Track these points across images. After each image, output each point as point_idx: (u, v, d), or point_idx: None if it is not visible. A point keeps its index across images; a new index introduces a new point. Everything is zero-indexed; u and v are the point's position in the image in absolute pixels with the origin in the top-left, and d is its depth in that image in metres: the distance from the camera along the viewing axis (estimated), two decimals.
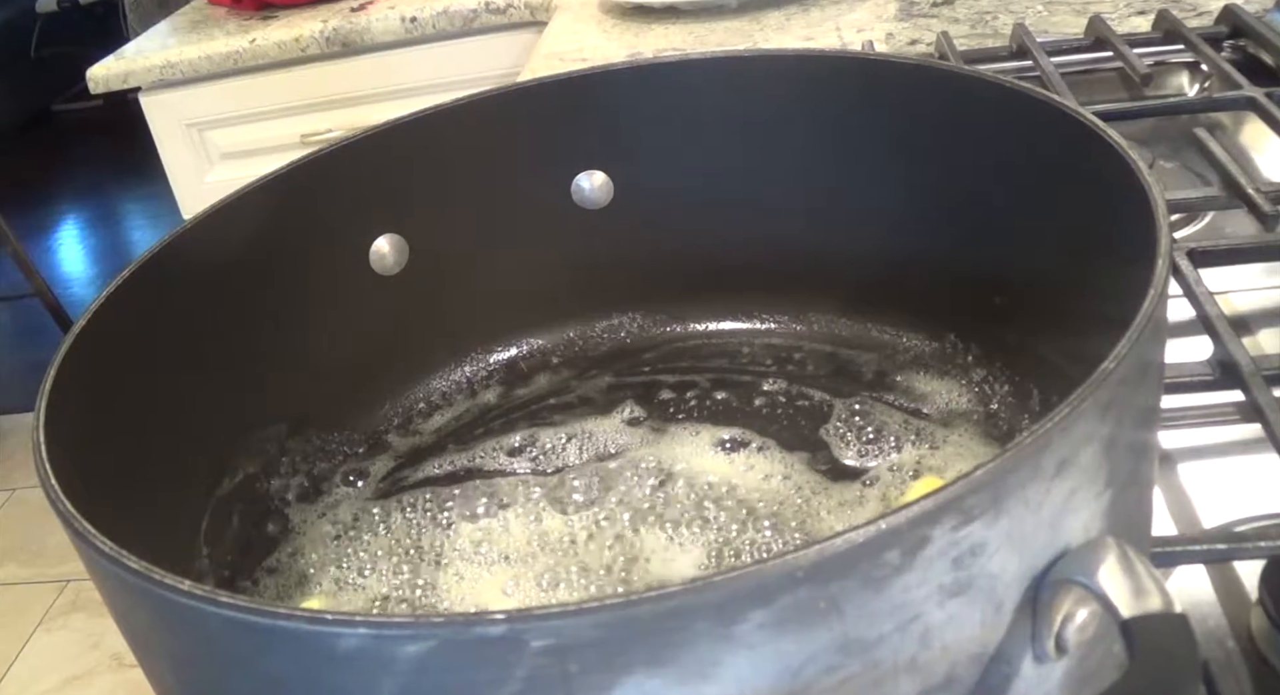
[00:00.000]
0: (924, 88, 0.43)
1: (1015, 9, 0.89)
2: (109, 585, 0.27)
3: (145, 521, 0.33)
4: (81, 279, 2.92)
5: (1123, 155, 0.34)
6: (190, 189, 1.46)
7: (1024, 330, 0.44)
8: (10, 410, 2.27)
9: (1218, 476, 0.44)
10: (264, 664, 0.25)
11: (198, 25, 1.45)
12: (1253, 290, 0.53)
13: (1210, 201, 0.57)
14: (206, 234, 0.42)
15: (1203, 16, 0.81)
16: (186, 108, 1.41)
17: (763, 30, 0.97)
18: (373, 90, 1.37)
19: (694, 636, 0.22)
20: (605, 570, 0.41)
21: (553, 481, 0.46)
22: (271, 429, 0.46)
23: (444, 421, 0.51)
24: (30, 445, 0.31)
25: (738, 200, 0.50)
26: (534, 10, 1.29)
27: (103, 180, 3.29)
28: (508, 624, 0.22)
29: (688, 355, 0.52)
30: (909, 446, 0.45)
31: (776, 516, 0.43)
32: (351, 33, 1.33)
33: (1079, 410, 0.25)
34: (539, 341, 0.53)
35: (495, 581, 0.42)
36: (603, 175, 0.50)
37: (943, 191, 0.45)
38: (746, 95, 0.47)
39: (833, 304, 0.51)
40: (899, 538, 0.23)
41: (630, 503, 0.43)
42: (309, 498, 0.47)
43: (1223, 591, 0.39)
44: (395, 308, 0.49)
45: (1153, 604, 0.24)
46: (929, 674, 0.25)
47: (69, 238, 3.16)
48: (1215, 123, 0.68)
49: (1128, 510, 0.28)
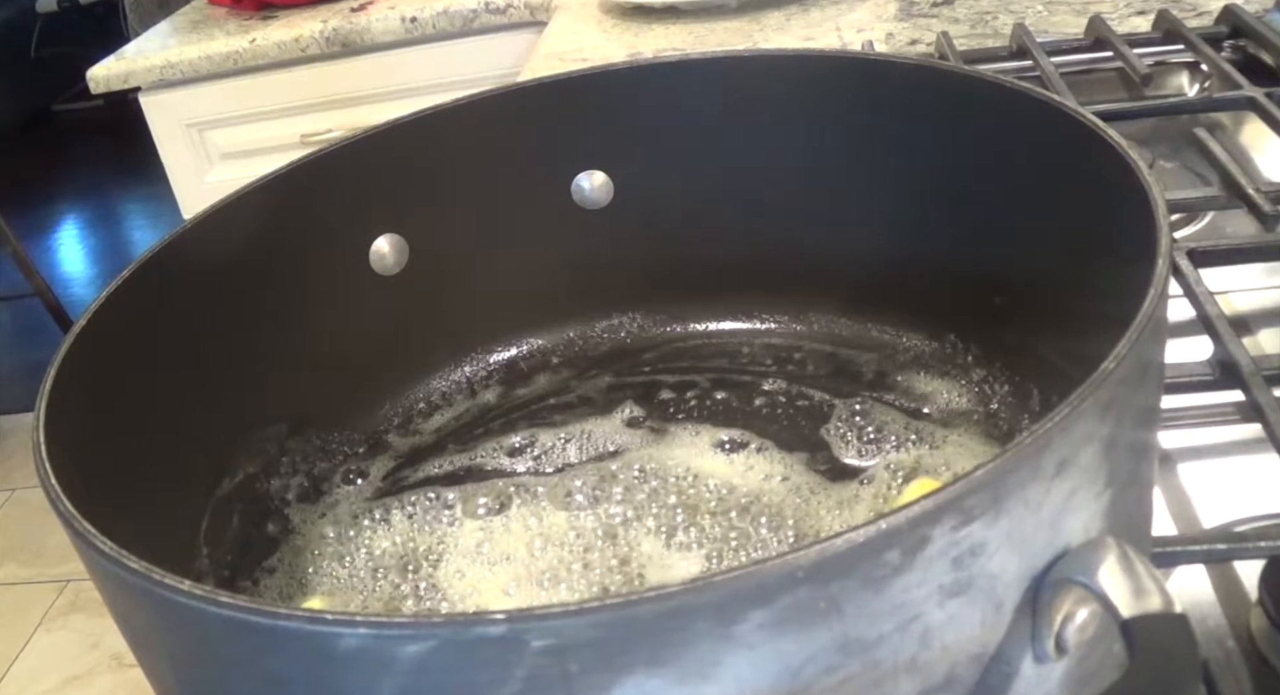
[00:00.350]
0: (924, 88, 0.43)
1: (1015, 9, 0.89)
2: (109, 585, 0.27)
3: (145, 521, 0.33)
4: (81, 279, 2.92)
5: (1123, 155, 0.34)
6: (190, 189, 1.46)
7: (1024, 330, 0.44)
8: (10, 410, 2.27)
9: (1218, 476, 0.44)
10: (264, 664, 0.25)
11: (198, 25, 1.45)
12: (1253, 290, 0.53)
13: (1210, 201, 0.57)
14: (206, 234, 0.42)
15: (1203, 16, 0.81)
16: (186, 108, 1.41)
17: (763, 30, 0.97)
18: (373, 90, 1.37)
19: (694, 636, 0.22)
20: (605, 570, 0.41)
21: (553, 481, 0.46)
22: (271, 429, 0.46)
23: (444, 421, 0.51)
24: (30, 445, 0.31)
25: (738, 200, 0.50)
26: (534, 10, 1.29)
27: (103, 180, 3.29)
28: (508, 624, 0.22)
29: (688, 355, 0.52)
30: (909, 446, 0.45)
31: (776, 517, 0.43)
32: (351, 33, 1.33)
33: (1079, 410, 0.25)
34: (539, 341, 0.53)
35: (495, 581, 0.42)
36: (603, 175, 0.50)
37: (943, 191, 0.45)
38: (746, 95, 0.47)
39: (833, 304, 0.51)
40: (899, 538, 0.23)
41: (630, 503, 0.43)
42: (309, 498, 0.47)
43: (1223, 591, 0.39)
44: (395, 308, 0.49)
45: (1153, 604, 0.24)
46: (929, 674, 0.25)
47: (69, 238, 3.16)
48: (1215, 123, 0.68)
49: (1128, 510, 0.28)
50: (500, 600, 0.41)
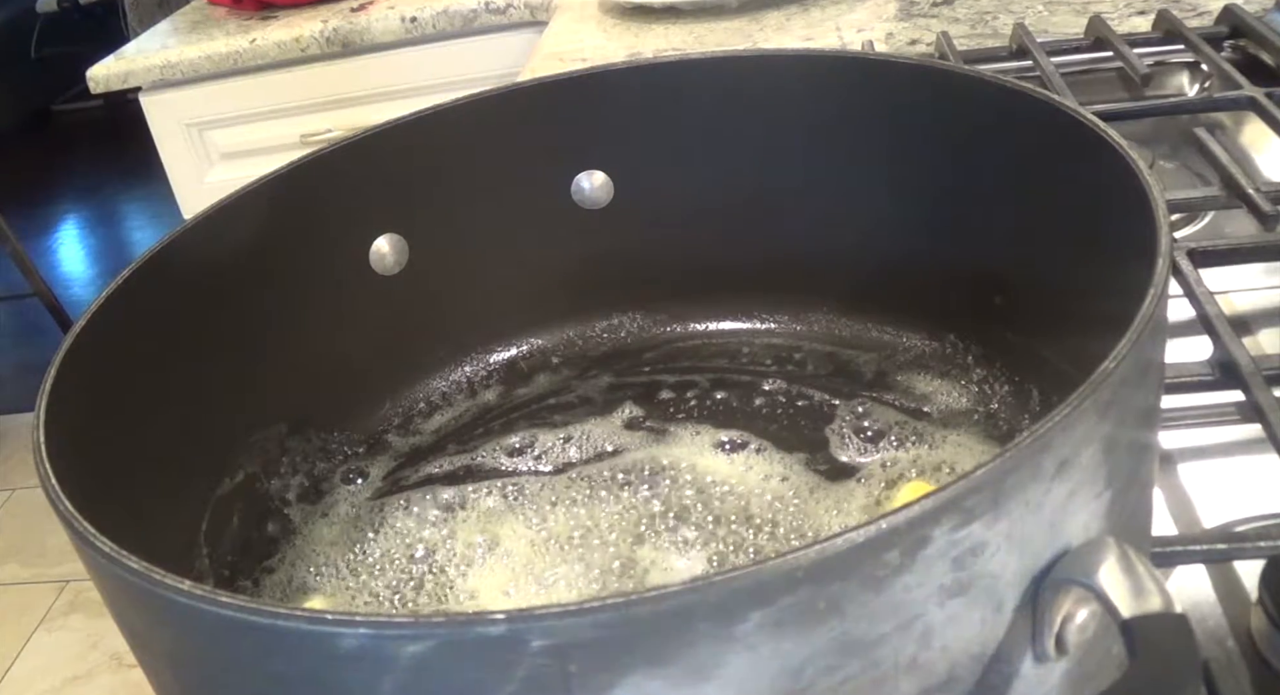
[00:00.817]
0: (924, 88, 0.43)
1: (1015, 9, 0.89)
2: (109, 585, 0.27)
3: (145, 521, 0.33)
4: (81, 279, 2.92)
5: (1123, 155, 0.34)
6: (190, 189, 1.46)
7: (1024, 330, 0.44)
8: (10, 410, 2.27)
9: (1218, 476, 0.44)
10: (264, 664, 0.25)
11: (198, 25, 1.45)
12: (1253, 290, 0.53)
13: (1210, 201, 0.57)
14: (206, 234, 0.42)
15: (1203, 16, 0.81)
16: (186, 108, 1.41)
17: (763, 30, 0.97)
18: (373, 90, 1.37)
19: (694, 636, 0.22)
20: (605, 570, 0.41)
21: (553, 482, 0.46)
22: (271, 429, 0.46)
23: (444, 421, 0.51)
24: (30, 445, 0.31)
25: (738, 200, 0.50)
26: (534, 10, 1.29)
27: (103, 180, 3.29)
28: (508, 624, 0.22)
29: (688, 355, 0.52)
30: (909, 447, 0.45)
31: (776, 517, 0.43)
32: (351, 33, 1.33)
33: (1079, 410, 0.25)
34: (539, 341, 0.53)
35: (496, 581, 0.42)
36: (603, 175, 0.50)
37: (943, 191, 0.45)
38: (746, 95, 0.47)
39: (833, 304, 0.51)
40: (899, 538, 0.23)
41: (630, 503, 0.43)
42: (309, 498, 0.47)
43: (1223, 591, 0.39)
44: (395, 308, 0.49)
45: (1153, 604, 0.24)
46: (929, 674, 0.25)
47: (69, 238, 3.16)
48: (1215, 123, 0.68)
49: (1128, 510, 0.28)
50: (500, 600, 0.41)
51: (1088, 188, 0.37)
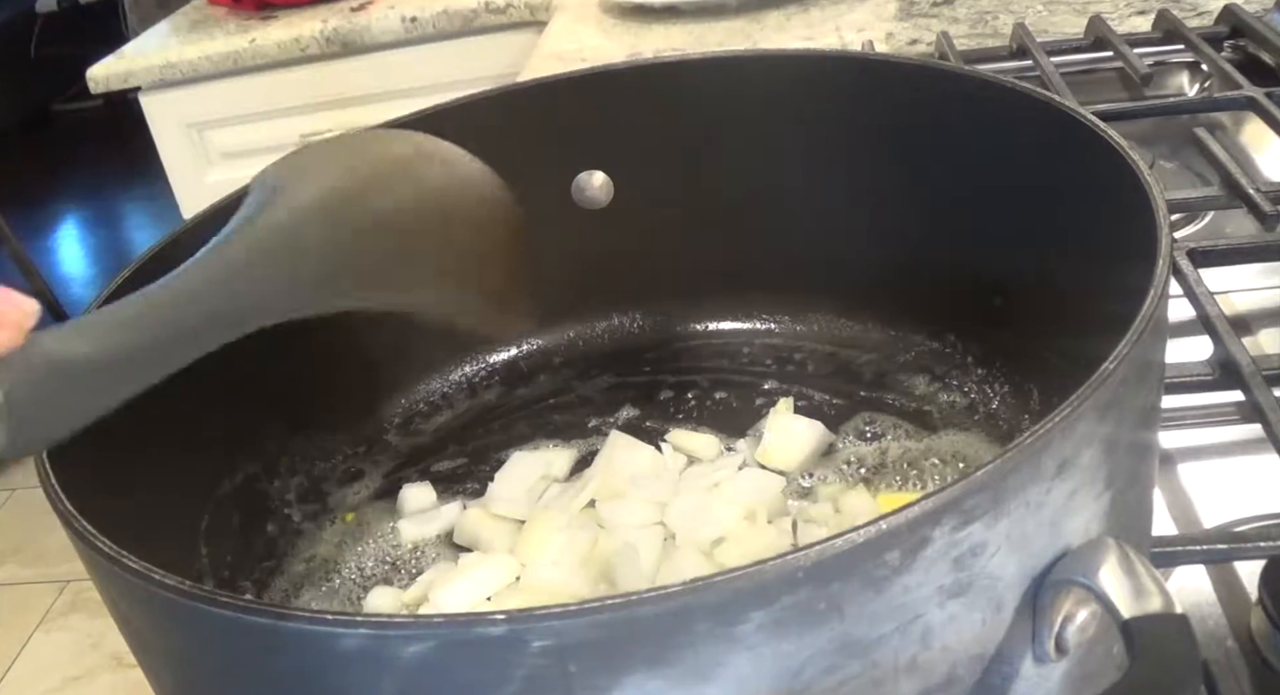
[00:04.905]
0: (924, 88, 0.43)
1: (1015, 9, 0.89)
2: (109, 585, 0.27)
3: (145, 521, 0.33)
4: (81, 279, 2.91)
5: (1123, 155, 0.34)
6: (190, 189, 1.45)
7: (1024, 331, 0.44)
8: None
9: (1218, 476, 0.44)
10: (264, 664, 0.25)
11: (198, 25, 1.45)
12: (1253, 290, 0.53)
13: (1210, 201, 0.57)
14: (206, 234, 0.41)
15: (1203, 16, 0.81)
16: (186, 108, 1.41)
17: (763, 30, 0.97)
18: (373, 90, 1.37)
19: (694, 637, 0.22)
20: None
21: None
22: (271, 429, 0.46)
23: (444, 421, 0.51)
24: None
25: (737, 200, 0.50)
26: (534, 10, 1.29)
27: (103, 180, 3.29)
28: (508, 624, 0.22)
29: (688, 355, 0.52)
30: (909, 446, 0.45)
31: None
32: (351, 33, 1.33)
33: (1079, 410, 0.25)
34: (539, 341, 0.53)
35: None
36: (603, 175, 0.50)
37: (943, 191, 0.45)
38: (746, 95, 0.47)
39: (833, 304, 0.51)
40: (899, 538, 0.23)
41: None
42: (309, 498, 0.47)
43: (1223, 591, 0.39)
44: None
45: (1153, 604, 0.24)
46: (929, 674, 0.25)
47: (69, 238, 3.16)
48: (1215, 123, 0.68)
49: (1128, 510, 0.28)
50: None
51: (1088, 188, 0.37)
